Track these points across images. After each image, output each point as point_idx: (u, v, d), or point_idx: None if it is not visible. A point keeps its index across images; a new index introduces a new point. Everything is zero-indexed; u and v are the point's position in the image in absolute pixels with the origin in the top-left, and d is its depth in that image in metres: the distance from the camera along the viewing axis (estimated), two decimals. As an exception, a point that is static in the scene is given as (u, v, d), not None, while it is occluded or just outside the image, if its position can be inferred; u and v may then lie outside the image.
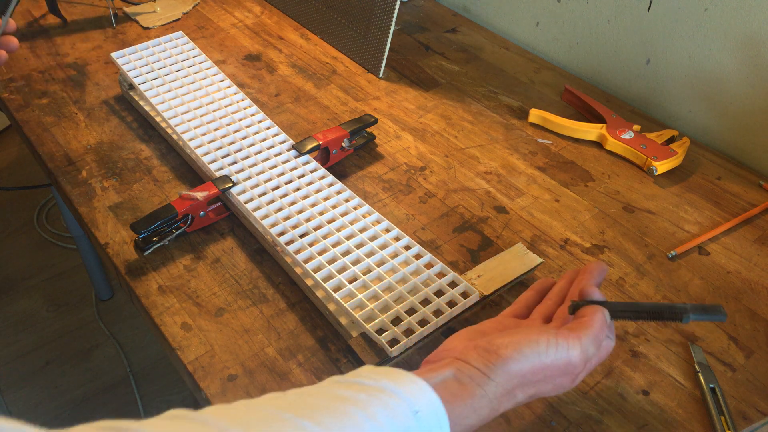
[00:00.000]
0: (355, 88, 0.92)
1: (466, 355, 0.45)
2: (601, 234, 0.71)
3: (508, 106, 0.90)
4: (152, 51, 0.85)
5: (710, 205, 0.76)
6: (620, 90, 0.95)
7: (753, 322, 0.63)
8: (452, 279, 0.61)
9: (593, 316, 0.47)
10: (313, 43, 1.02)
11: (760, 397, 0.56)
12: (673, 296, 0.65)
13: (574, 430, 0.53)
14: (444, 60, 1.00)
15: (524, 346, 0.44)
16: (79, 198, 0.72)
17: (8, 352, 1.47)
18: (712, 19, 0.79)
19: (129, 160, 0.77)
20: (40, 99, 0.87)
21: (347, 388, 0.40)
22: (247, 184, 0.69)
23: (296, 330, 0.60)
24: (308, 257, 0.62)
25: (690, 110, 0.87)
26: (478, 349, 0.45)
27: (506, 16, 1.07)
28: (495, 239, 0.70)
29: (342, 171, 0.78)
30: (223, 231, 0.69)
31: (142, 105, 0.83)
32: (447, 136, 0.84)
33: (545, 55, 1.03)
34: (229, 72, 0.93)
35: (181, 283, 0.64)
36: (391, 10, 0.90)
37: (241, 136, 0.75)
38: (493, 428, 0.53)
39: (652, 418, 0.54)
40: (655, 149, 0.79)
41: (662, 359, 0.59)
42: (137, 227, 0.64)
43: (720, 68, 0.81)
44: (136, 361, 1.47)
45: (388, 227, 0.66)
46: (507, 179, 0.78)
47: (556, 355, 0.44)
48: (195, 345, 0.58)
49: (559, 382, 0.46)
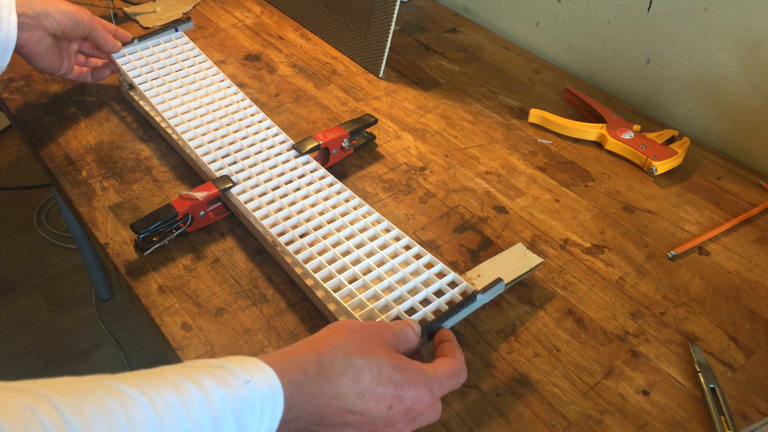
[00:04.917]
0: (355, 88, 0.92)
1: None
2: (601, 234, 0.71)
3: (508, 106, 0.90)
4: (152, 51, 0.85)
5: (710, 205, 0.76)
6: (620, 90, 0.95)
7: (753, 322, 0.63)
8: (452, 279, 0.60)
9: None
10: (313, 43, 1.02)
11: (760, 397, 0.56)
12: (673, 296, 0.65)
13: (574, 430, 0.53)
14: (444, 60, 1.00)
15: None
16: (79, 198, 0.72)
17: (8, 352, 1.47)
18: (712, 19, 0.79)
19: (129, 160, 0.77)
20: (40, 99, 0.87)
21: (180, 366, 0.41)
22: (247, 184, 0.69)
23: (296, 330, 0.60)
24: (308, 257, 0.62)
25: (690, 110, 0.87)
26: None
27: (506, 16, 1.07)
28: (495, 239, 0.70)
29: (342, 171, 0.78)
30: (223, 231, 0.69)
31: (141, 105, 0.83)
32: (447, 136, 0.84)
33: (545, 55, 1.03)
34: (229, 72, 0.93)
35: (181, 283, 0.64)
36: (391, 10, 0.90)
37: (241, 136, 0.75)
38: (493, 428, 0.53)
39: (652, 418, 0.54)
40: (655, 149, 0.79)
41: (662, 359, 0.59)
42: (137, 227, 0.64)
43: (720, 68, 0.81)
44: (136, 361, 1.47)
45: (388, 227, 0.66)
46: (507, 179, 0.78)
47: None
48: (195, 345, 0.58)
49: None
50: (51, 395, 0.33)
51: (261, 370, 0.42)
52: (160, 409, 0.36)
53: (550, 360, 0.58)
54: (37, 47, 0.73)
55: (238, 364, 0.42)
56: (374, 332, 0.48)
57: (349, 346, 0.46)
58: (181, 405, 0.37)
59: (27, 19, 0.70)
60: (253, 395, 0.40)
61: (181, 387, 0.38)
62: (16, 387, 0.34)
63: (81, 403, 0.34)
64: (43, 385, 0.34)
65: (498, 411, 0.54)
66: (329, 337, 0.47)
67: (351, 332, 0.47)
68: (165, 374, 0.39)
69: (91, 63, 0.84)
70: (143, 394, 0.36)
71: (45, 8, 0.72)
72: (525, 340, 0.60)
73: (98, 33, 0.78)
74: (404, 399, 0.45)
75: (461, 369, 0.50)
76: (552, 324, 0.62)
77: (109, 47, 0.80)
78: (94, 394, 0.35)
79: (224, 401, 0.39)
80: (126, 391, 0.36)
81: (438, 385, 0.47)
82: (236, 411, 0.39)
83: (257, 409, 0.40)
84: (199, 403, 0.38)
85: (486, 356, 0.59)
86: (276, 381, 0.42)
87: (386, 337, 0.48)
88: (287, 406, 0.42)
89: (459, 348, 0.52)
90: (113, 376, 0.37)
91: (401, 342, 0.50)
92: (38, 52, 0.73)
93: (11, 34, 0.69)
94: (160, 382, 0.38)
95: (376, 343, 0.47)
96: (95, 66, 0.83)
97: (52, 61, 0.76)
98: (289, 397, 0.42)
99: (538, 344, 0.60)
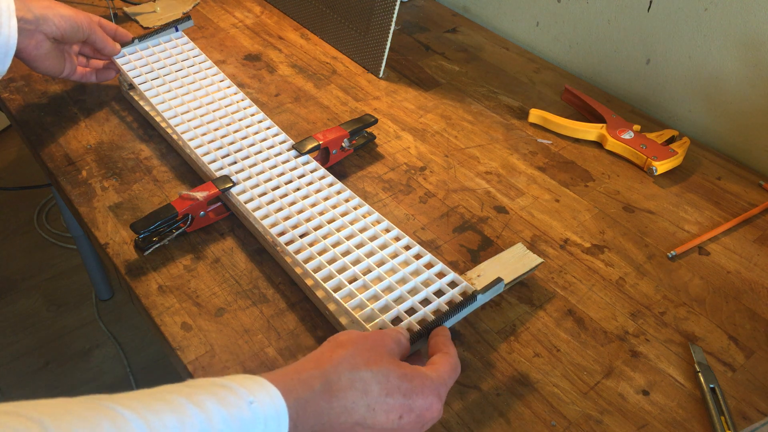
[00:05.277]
0: (355, 88, 0.92)
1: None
2: (601, 234, 0.71)
3: (508, 106, 0.90)
4: (152, 51, 0.85)
5: (710, 205, 0.76)
6: (620, 90, 0.95)
7: (753, 322, 0.63)
8: (452, 279, 0.60)
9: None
10: (313, 43, 1.02)
11: (760, 397, 0.56)
12: (673, 296, 0.65)
13: (574, 430, 0.53)
14: (444, 60, 1.00)
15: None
16: (79, 198, 0.72)
17: (8, 352, 1.47)
18: (712, 19, 0.79)
19: (129, 160, 0.77)
20: (40, 99, 0.87)
21: (181, 386, 0.40)
22: (247, 184, 0.69)
23: (296, 330, 0.60)
24: (308, 257, 0.61)
25: (690, 110, 0.87)
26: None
27: (506, 16, 1.07)
28: (495, 239, 0.70)
29: (342, 171, 0.78)
30: (223, 231, 0.69)
31: (142, 105, 0.83)
32: (447, 136, 0.84)
33: (545, 55, 1.03)
34: (229, 72, 0.93)
35: (181, 283, 0.64)
36: (391, 10, 0.90)
37: (241, 136, 0.75)
38: (493, 428, 0.53)
39: (652, 418, 0.54)
40: (655, 149, 0.79)
41: (662, 359, 0.59)
42: (137, 227, 0.64)
43: (720, 68, 0.81)
44: (136, 361, 1.47)
45: (388, 227, 0.66)
46: (507, 179, 0.78)
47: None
48: (195, 345, 0.58)
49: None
50: (42, 419, 0.32)
51: (265, 390, 0.41)
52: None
53: (550, 360, 0.58)
54: (36, 51, 0.73)
55: (241, 383, 0.41)
56: (376, 341, 0.48)
57: (354, 358, 0.45)
58: (180, 427, 0.36)
59: (26, 24, 0.70)
60: (256, 416, 0.39)
61: (181, 408, 0.37)
62: (6, 411, 0.32)
63: (73, 427, 0.33)
64: (36, 408, 0.33)
65: (498, 411, 0.54)
66: (333, 352, 0.46)
67: (354, 344, 0.47)
68: (165, 395, 0.38)
69: (93, 64, 0.84)
70: (140, 417, 0.35)
71: (44, 13, 0.72)
72: (525, 340, 0.60)
73: (97, 36, 0.78)
74: (414, 408, 0.45)
75: (457, 363, 0.50)
76: (552, 324, 0.62)
77: (108, 50, 0.80)
78: (88, 419, 0.34)
79: (226, 423, 0.38)
80: (122, 413, 0.35)
81: (444, 388, 0.47)
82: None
83: (260, 431, 0.39)
84: (199, 425, 0.37)
85: (486, 356, 0.59)
86: (281, 401, 0.41)
87: (388, 345, 0.48)
88: (293, 425, 0.41)
89: (451, 341, 0.52)
90: (111, 397, 0.36)
91: (399, 349, 0.50)
92: (38, 56, 0.73)
93: (11, 38, 0.69)
94: (158, 404, 0.37)
95: (379, 353, 0.46)
96: (96, 67, 0.83)
97: (53, 65, 0.76)
98: (294, 416, 0.41)
99: (538, 344, 0.60)
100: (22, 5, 0.70)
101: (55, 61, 0.76)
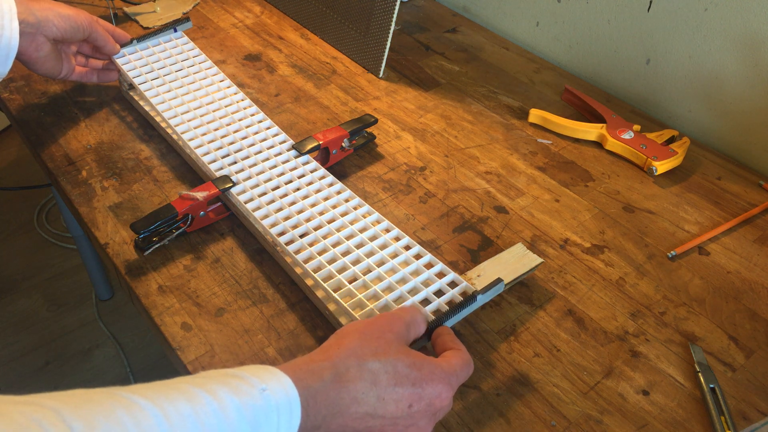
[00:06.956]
0: (355, 88, 0.92)
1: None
2: (601, 234, 0.71)
3: (508, 106, 0.90)
4: (152, 51, 0.85)
5: (710, 205, 0.76)
6: (620, 90, 0.95)
7: (753, 322, 0.63)
8: (452, 279, 0.60)
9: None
10: (313, 43, 1.02)
11: (760, 397, 0.56)
12: (673, 296, 0.65)
13: (574, 430, 0.53)
14: (444, 60, 1.00)
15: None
16: (79, 198, 0.72)
17: (8, 352, 1.47)
18: (712, 19, 0.79)
19: (129, 160, 0.77)
20: (40, 99, 0.87)
21: (194, 377, 0.40)
22: (247, 184, 0.69)
23: (296, 330, 0.60)
24: (308, 257, 0.62)
25: (690, 110, 0.87)
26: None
27: (506, 16, 1.07)
28: (495, 239, 0.70)
29: (342, 171, 0.78)
30: (223, 231, 0.69)
31: (141, 105, 0.83)
32: (447, 136, 0.84)
33: (545, 55, 1.03)
34: (229, 72, 0.93)
35: (181, 283, 0.64)
36: (391, 10, 0.90)
37: (241, 136, 0.75)
38: (493, 428, 0.53)
39: (652, 418, 0.54)
40: (655, 149, 0.79)
41: (662, 359, 0.59)
42: (137, 227, 0.64)
43: (720, 68, 0.81)
44: (136, 361, 1.47)
45: (388, 227, 0.66)
46: (507, 179, 0.78)
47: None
48: (195, 345, 0.58)
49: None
50: (59, 407, 0.33)
51: (277, 379, 0.41)
52: (172, 420, 0.35)
53: (550, 360, 0.58)
54: (37, 54, 0.73)
55: (253, 372, 0.41)
56: (384, 328, 0.48)
57: (361, 350, 0.45)
58: (194, 415, 0.36)
59: (28, 27, 0.70)
60: (269, 404, 0.39)
61: (194, 397, 0.37)
62: (24, 401, 0.33)
63: (90, 414, 0.33)
64: (52, 398, 0.34)
65: (498, 411, 0.54)
66: (340, 343, 0.46)
67: (360, 335, 0.47)
68: (178, 385, 0.38)
69: (92, 64, 0.84)
70: (155, 405, 0.35)
71: (45, 15, 0.72)
72: (525, 340, 0.60)
73: (99, 35, 0.78)
74: (423, 396, 0.45)
75: (470, 359, 0.50)
76: (552, 324, 0.62)
77: (108, 49, 0.80)
78: (104, 406, 0.34)
79: (239, 411, 0.38)
80: (137, 401, 0.35)
81: (455, 378, 0.47)
82: (252, 421, 0.38)
83: (273, 419, 0.39)
84: (213, 414, 0.37)
85: (486, 356, 0.59)
86: (293, 389, 0.41)
87: (397, 330, 0.48)
88: (305, 414, 0.41)
89: (458, 339, 0.52)
90: (125, 388, 0.37)
91: (412, 330, 0.49)
92: (38, 58, 0.73)
93: (13, 40, 0.69)
94: (172, 392, 0.37)
95: (387, 342, 0.46)
96: (95, 67, 0.83)
97: (52, 66, 0.76)
98: (306, 405, 0.42)
99: (538, 344, 0.60)
100: (23, 8, 0.70)
101: (54, 63, 0.76)
